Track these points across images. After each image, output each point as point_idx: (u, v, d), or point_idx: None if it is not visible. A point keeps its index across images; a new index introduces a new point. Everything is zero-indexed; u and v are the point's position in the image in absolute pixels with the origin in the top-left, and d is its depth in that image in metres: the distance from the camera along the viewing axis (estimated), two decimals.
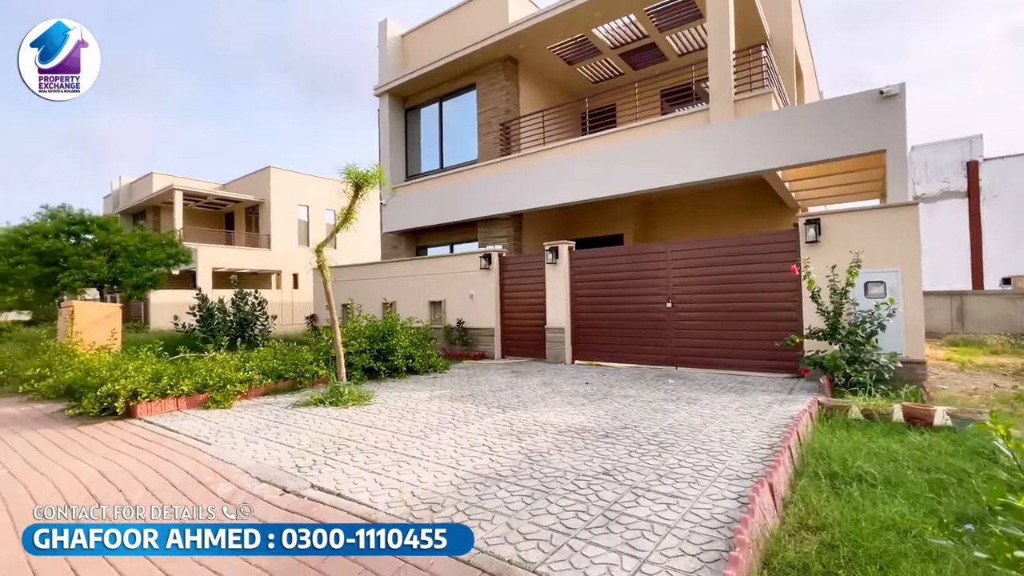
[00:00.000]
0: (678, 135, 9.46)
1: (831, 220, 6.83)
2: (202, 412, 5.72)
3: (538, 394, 6.40)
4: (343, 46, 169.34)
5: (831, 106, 8.05)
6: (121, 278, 11.97)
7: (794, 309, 7.14)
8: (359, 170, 5.96)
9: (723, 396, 6.00)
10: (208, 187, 29.40)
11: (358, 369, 7.47)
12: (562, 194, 10.89)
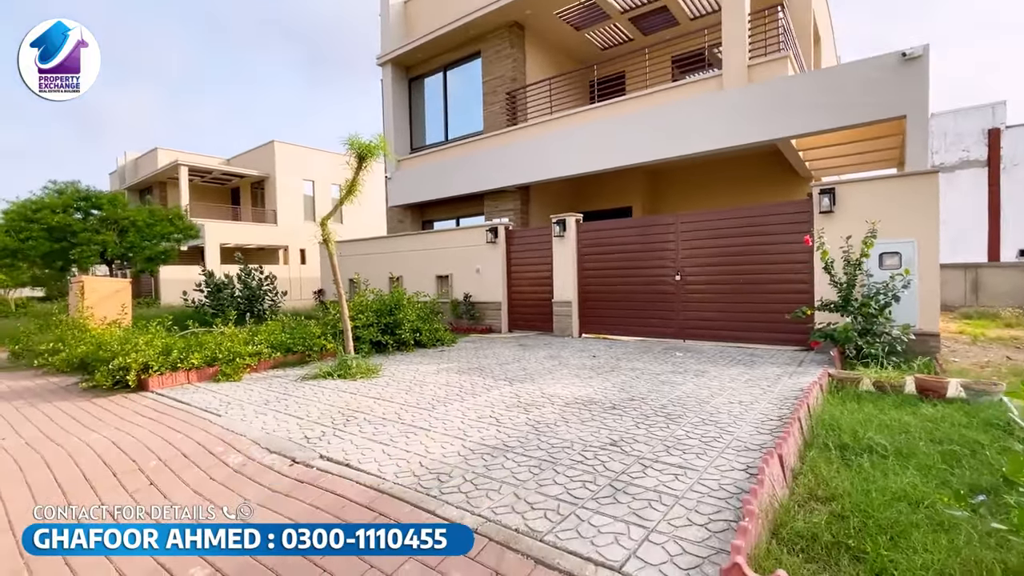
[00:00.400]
0: (689, 102, 9.17)
1: (846, 189, 6.64)
2: (212, 385, 5.79)
3: (545, 367, 6.40)
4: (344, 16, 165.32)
5: (850, 70, 7.73)
6: (132, 253, 12.02)
7: (806, 281, 7.02)
8: (362, 141, 5.84)
9: (731, 368, 5.96)
10: (213, 162, 29.24)
11: (366, 343, 7.50)
12: (570, 165, 10.68)
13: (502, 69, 12.35)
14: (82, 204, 11.47)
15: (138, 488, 3.10)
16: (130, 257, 12.33)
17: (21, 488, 3.18)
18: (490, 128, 12.53)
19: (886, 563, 1.95)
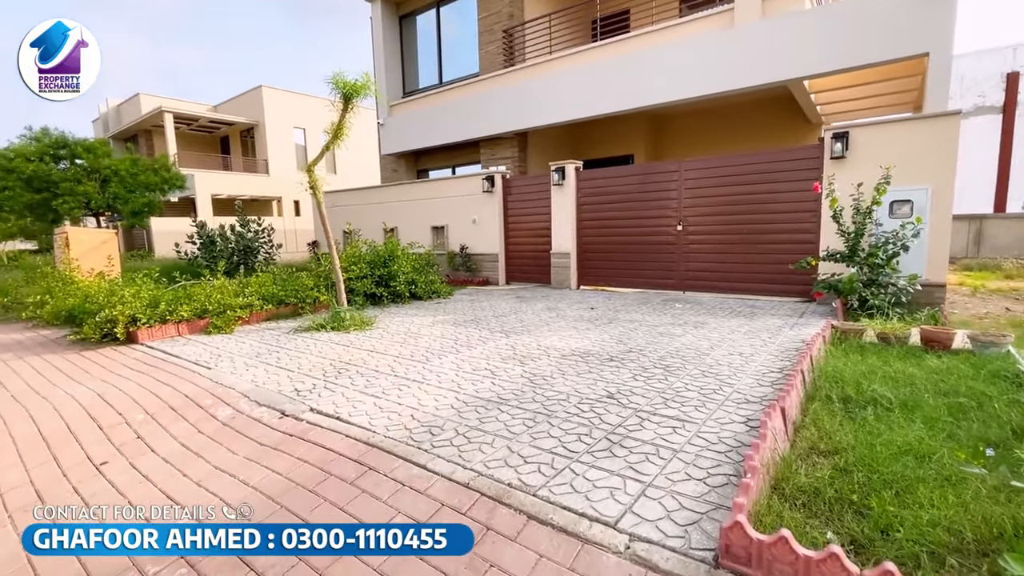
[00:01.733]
0: (698, 40, 8.59)
1: (860, 133, 6.29)
2: (203, 337, 5.69)
3: (542, 319, 6.29)
4: None
5: (871, 3, 7.15)
6: (117, 204, 11.66)
7: (812, 231, 6.80)
8: (347, 79, 5.45)
9: (731, 320, 5.86)
10: (199, 109, 28.09)
11: (360, 295, 7.36)
12: (570, 110, 10.17)
13: (499, 5, 11.54)
14: (61, 152, 10.99)
15: (124, 442, 3.04)
16: (117, 208, 11.97)
17: (4, 440, 3.11)
18: (486, 70, 11.87)
19: (891, 519, 1.88)
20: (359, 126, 7.26)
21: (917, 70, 8.26)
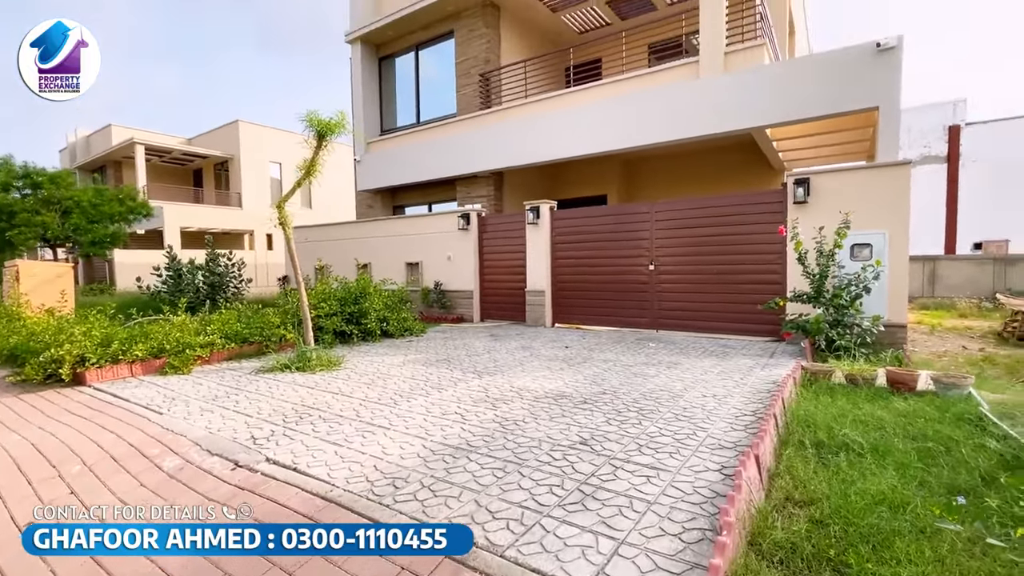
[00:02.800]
0: (666, 89, 9.00)
1: (820, 180, 6.59)
2: (158, 378, 5.38)
3: (516, 358, 6.19)
4: None
5: (825, 60, 7.67)
6: (77, 235, 11.22)
7: (779, 272, 6.99)
8: (321, 118, 5.45)
9: (704, 360, 5.88)
10: (173, 141, 27.81)
11: (329, 333, 7.14)
12: (544, 151, 10.42)
13: (476, 50, 11.93)
14: (23, 182, 10.61)
15: (55, 498, 2.76)
16: (76, 240, 11.51)
17: None
18: (463, 111, 12.13)
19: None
20: (336, 161, 7.25)
21: (869, 122, 8.79)
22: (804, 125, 8.80)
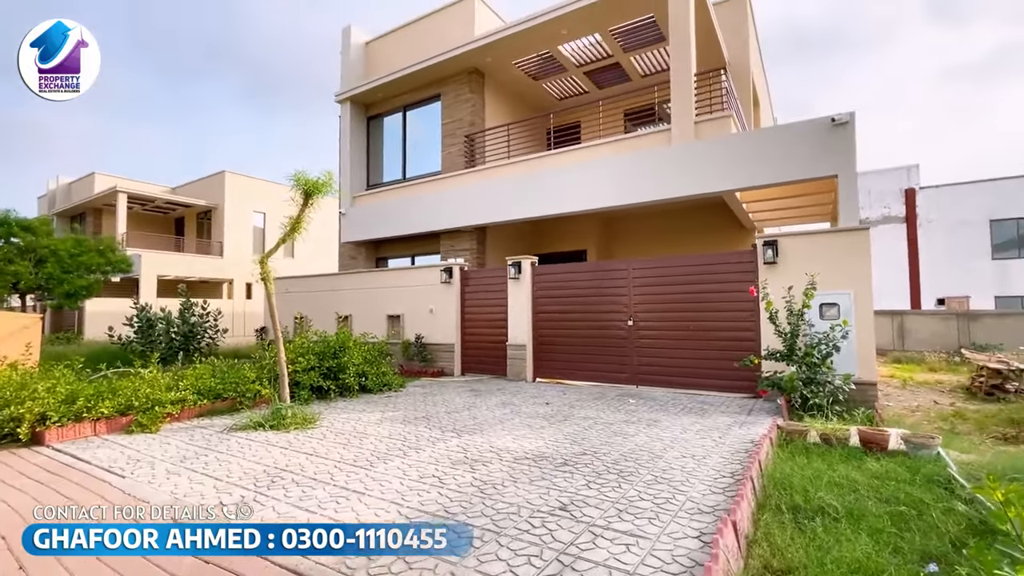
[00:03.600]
0: (640, 154, 9.52)
1: (788, 242, 6.94)
2: (124, 438, 5.16)
3: (496, 415, 6.13)
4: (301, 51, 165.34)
5: (787, 131, 8.28)
6: (51, 285, 10.96)
7: (753, 329, 7.19)
8: (308, 177, 5.61)
9: (684, 417, 5.91)
10: (157, 190, 27.89)
11: (305, 388, 7.00)
12: (525, 208, 10.77)
13: (461, 112, 12.53)
14: (0, 230, 10.46)
15: (4, 573, 2.59)
16: (49, 289, 11.25)
17: None
18: (448, 169, 12.57)
19: None
20: (320, 214, 7.34)
21: (830, 187, 9.37)
22: (771, 189, 9.34)
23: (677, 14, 9.19)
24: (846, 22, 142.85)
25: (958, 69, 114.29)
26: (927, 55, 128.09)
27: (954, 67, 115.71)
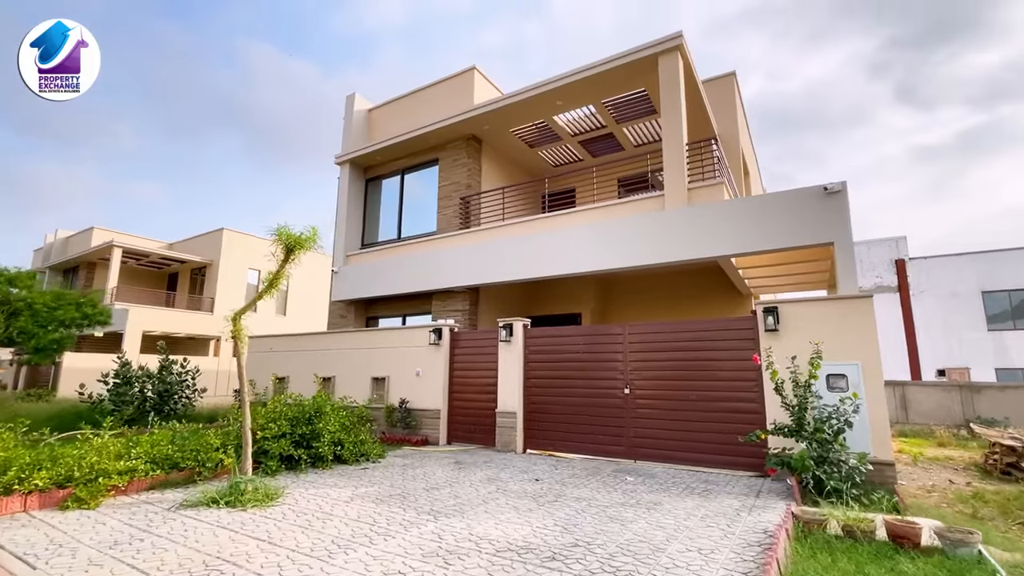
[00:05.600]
0: (634, 219, 9.50)
1: (789, 309, 6.68)
2: (55, 515, 4.56)
3: (480, 494, 5.55)
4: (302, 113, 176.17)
5: (781, 198, 8.28)
6: (20, 339, 10.49)
7: (757, 400, 6.76)
8: (291, 232, 5.41)
9: (687, 500, 5.35)
10: (153, 246, 27.95)
11: (274, 458, 6.41)
12: (519, 270, 10.61)
13: (458, 176, 12.71)
14: None
15: None
16: (19, 343, 10.76)
17: None
18: (443, 230, 12.55)
19: None
20: (313, 271, 7.10)
21: (826, 254, 9.29)
22: (766, 255, 9.24)
23: (668, 88, 9.52)
24: (822, 103, 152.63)
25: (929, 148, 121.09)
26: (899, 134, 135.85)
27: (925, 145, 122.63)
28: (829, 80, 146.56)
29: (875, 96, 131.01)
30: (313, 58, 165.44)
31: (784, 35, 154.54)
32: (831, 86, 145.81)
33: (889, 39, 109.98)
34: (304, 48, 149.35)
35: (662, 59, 9.68)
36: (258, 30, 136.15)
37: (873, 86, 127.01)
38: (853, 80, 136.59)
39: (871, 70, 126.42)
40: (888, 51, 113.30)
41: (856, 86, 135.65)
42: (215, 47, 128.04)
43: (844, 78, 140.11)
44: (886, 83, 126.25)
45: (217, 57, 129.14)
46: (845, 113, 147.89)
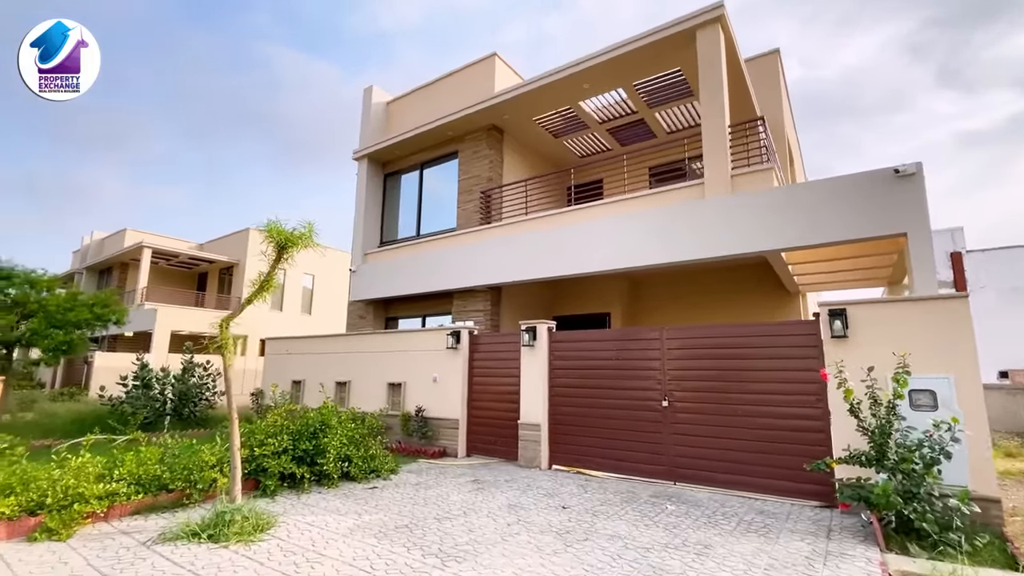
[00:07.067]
0: (669, 210, 8.58)
1: (861, 311, 5.69)
2: (19, 548, 4.05)
3: (498, 527, 4.82)
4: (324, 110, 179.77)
5: (841, 184, 7.22)
6: (33, 340, 10.35)
7: (820, 418, 5.81)
8: (283, 228, 4.79)
9: (743, 541, 4.49)
10: (183, 246, 28.29)
11: (272, 477, 5.83)
12: (543, 268, 9.82)
13: (479, 169, 12.00)
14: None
15: None
16: (33, 344, 10.63)
17: None
18: (463, 226, 11.88)
19: None
20: (337, 268, 6.49)
21: (894, 247, 8.19)
22: (823, 249, 8.19)
23: (708, 64, 8.55)
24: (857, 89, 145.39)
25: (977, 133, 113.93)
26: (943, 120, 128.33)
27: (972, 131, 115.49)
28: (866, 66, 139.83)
29: (915, 80, 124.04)
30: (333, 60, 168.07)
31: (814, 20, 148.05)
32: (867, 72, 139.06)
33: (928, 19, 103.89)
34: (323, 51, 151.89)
35: (701, 33, 8.71)
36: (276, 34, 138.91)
37: (913, 70, 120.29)
38: (892, 65, 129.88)
39: (911, 52, 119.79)
40: (927, 31, 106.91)
41: (895, 70, 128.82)
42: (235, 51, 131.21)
43: (882, 64, 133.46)
44: (927, 66, 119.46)
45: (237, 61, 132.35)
46: (883, 99, 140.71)
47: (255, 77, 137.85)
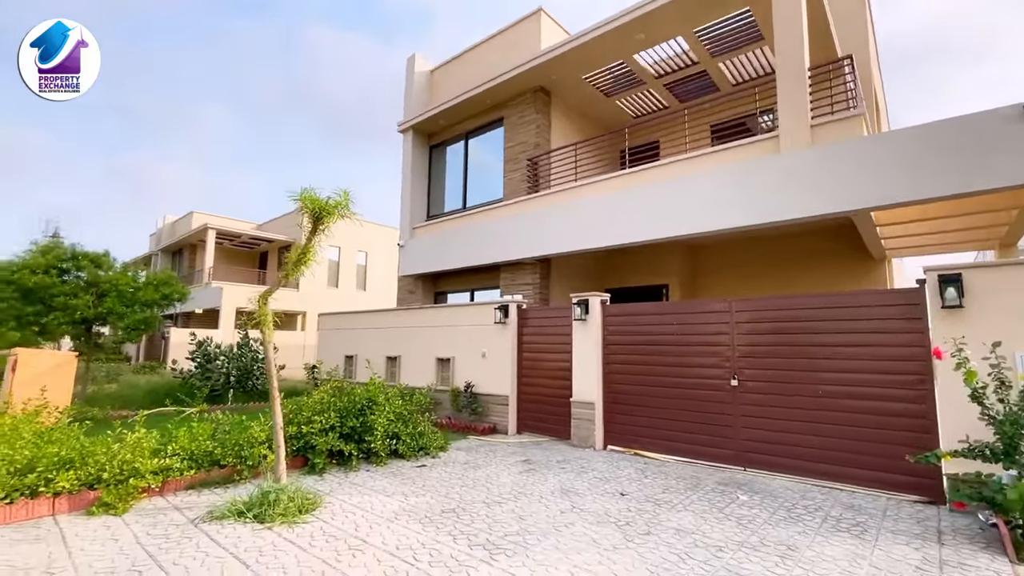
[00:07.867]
0: (738, 168, 7.68)
1: (980, 276, 4.77)
2: (78, 522, 4.12)
3: (550, 514, 4.47)
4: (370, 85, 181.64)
5: (948, 129, 6.10)
6: (110, 319, 10.98)
7: (923, 401, 5.01)
8: (316, 197, 4.51)
9: (833, 541, 3.91)
10: (245, 227, 29.54)
11: (320, 455, 5.76)
12: (595, 238, 9.20)
13: (525, 135, 11.39)
14: (66, 264, 10.65)
15: None
16: (111, 323, 11.29)
17: None
18: (510, 196, 11.38)
19: None
20: (391, 246, 6.27)
21: (1013, 202, 6.95)
22: (922, 207, 7.09)
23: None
24: (942, 33, 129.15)
25: None
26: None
27: None
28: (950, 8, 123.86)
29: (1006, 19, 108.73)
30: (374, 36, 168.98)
31: None
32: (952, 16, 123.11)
33: None
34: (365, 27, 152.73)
35: None
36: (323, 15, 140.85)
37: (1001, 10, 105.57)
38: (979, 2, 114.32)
39: None
40: None
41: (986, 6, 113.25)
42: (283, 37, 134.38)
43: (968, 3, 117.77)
44: None
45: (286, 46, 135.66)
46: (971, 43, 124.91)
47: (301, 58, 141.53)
